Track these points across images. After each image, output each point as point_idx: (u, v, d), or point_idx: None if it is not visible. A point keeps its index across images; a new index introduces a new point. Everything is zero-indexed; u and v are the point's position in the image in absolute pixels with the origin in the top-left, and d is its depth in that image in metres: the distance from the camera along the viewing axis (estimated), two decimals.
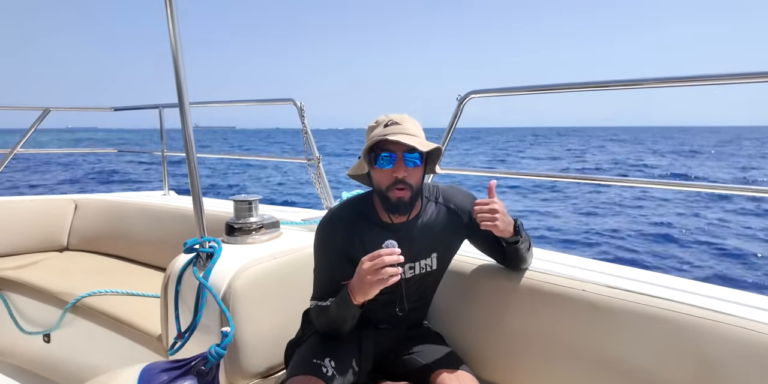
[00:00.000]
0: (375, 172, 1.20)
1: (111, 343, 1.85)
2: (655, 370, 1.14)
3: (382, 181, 1.19)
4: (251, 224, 1.66)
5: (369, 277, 1.02)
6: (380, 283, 1.02)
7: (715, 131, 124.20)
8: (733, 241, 8.44)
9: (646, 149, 37.91)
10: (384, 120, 1.20)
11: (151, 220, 2.55)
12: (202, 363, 1.22)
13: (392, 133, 1.14)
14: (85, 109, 3.45)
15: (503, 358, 1.39)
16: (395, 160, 1.15)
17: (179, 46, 1.34)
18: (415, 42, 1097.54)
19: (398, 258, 1.01)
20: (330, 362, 1.19)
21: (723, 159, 27.56)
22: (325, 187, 2.25)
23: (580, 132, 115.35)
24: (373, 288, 1.03)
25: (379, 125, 1.20)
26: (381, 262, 1.01)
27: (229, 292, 1.37)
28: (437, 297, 1.45)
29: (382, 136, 1.14)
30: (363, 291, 1.05)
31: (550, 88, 1.62)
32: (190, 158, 1.40)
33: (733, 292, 1.26)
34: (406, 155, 1.15)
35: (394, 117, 1.20)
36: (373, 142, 1.16)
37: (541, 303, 1.33)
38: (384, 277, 1.01)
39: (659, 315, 1.15)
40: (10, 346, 2.31)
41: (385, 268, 1.01)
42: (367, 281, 1.03)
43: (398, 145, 1.14)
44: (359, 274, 1.05)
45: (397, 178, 1.16)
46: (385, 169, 1.16)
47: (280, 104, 2.36)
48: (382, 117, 1.22)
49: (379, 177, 1.19)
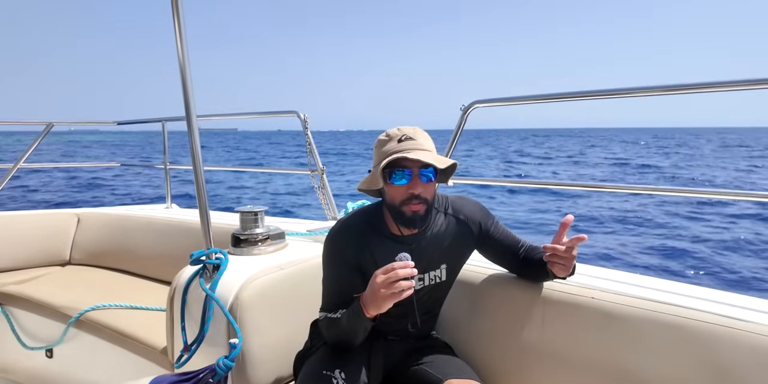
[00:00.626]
0: (389, 188, 1.17)
1: (115, 357, 1.83)
2: (669, 377, 1.13)
3: (396, 196, 1.16)
4: (257, 235, 1.66)
5: (383, 290, 1.01)
6: (394, 297, 1.01)
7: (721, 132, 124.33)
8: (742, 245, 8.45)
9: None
10: (397, 134, 1.17)
11: (154, 233, 2.55)
12: (211, 375, 1.21)
13: (408, 150, 1.12)
14: (88, 122, 3.48)
15: (514, 367, 1.37)
16: (411, 176, 1.13)
17: (187, 60, 1.35)
18: (421, 47, 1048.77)
19: (412, 271, 1.00)
20: (340, 374, 1.17)
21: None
22: (329, 198, 2.26)
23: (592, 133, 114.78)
24: (387, 301, 1.02)
25: (392, 140, 1.16)
26: (395, 276, 1.00)
27: (237, 304, 1.36)
28: (446, 307, 1.44)
29: (400, 154, 1.11)
30: (377, 304, 1.04)
31: (554, 98, 1.63)
32: (197, 170, 1.40)
33: (746, 299, 1.25)
34: (421, 171, 1.14)
35: (406, 131, 1.17)
36: (392, 159, 1.12)
37: (550, 311, 1.32)
38: (397, 290, 1.00)
39: (672, 322, 1.14)
40: (12, 361, 2.29)
41: (399, 282, 1.00)
42: (381, 295, 1.01)
43: (414, 162, 1.12)
44: (372, 288, 1.04)
45: (413, 194, 1.14)
46: (401, 186, 1.14)
47: (285, 116, 2.38)
48: (393, 131, 1.19)
49: (393, 193, 1.16)
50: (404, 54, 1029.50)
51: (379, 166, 1.14)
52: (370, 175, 1.21)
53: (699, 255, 7.89)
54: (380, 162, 1.15)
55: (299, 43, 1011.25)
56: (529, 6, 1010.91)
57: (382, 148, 1.17)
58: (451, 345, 1.43)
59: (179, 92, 1.38)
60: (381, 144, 1.19)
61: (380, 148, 1.18)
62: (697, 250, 8.16)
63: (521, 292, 1.37)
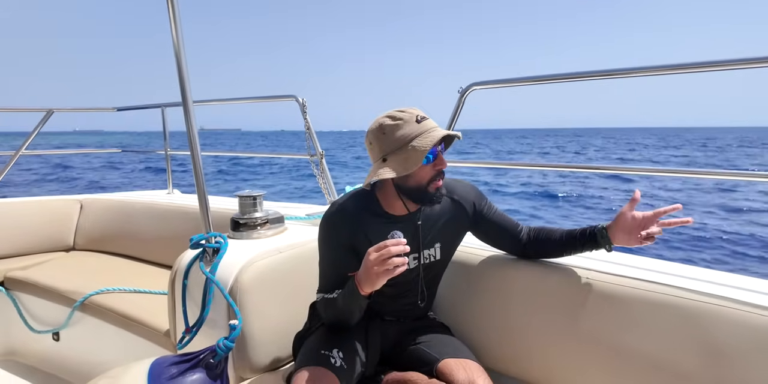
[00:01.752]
0: (419, 169, 1.16)
1: (119, 339, 1.87)
2: (664, 357, 1.14)
3: (426, 176, 1.16)
4: (256, 219, 1.67)
5: (376, 267, 1.02)
6: (387, 274, 1.03)
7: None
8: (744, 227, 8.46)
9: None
10: (410, 116, 1.14)
11: (156, 218, 2.57)
12: (211, 356, 1.24)
13: (433, 128, 1.15)
14: (88, 109, 3.47)
15: (510, 347, 1.39)
16: (437, 154, 1.16)
17: (182, 45, 1.34)
18: (414, 41, 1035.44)
19: (404, 248, 1.02)
20: (338, 353, 1.19)
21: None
22: (329, 182, 2.26)
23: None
24: (380, 278, 1.04)
25: (407, 122, 1.13)
26: (387, 253, 1.01)
27: (236, 286, 1.38)
28: (443, 288, 1.46)
29: (441, 133, 1.13)
30: (370, 282, 1.05)
31: (553, 79, 1.61)
32: (194, 155, 1.41)
33: (742, 278, 1.25)
34: (441, 147, 1.18)
35: (416, 111, 1.16)
36: (435, 139, 1.11)
37: (546, 292, 1.33)
38: (390, 267, 1.01)
39: (666, 302, 1.15)
40: (20, 345, 2.34)
41: (391, 259, 1.01)
42: (374, 272, 1.03)
43: (441, 139, 1.15)
44: (366, 265, 1.06)
45: (440, 170, 1.17)
46: (428, 165, 1.16)
47: (283, 101, 2.36)
48: (401, 114, 1.15)
49: (423, 173, 1.16)
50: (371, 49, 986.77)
51: (410, 147, 1.11)
52: (394, 161, 1.13)
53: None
54: (406, 144, 1.12)
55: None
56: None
57: (399, 132, 1.13)
58: (449, 325, 1.45)
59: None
60: (395, 128, 1.14)
61: (395, 133, 1.13)
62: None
63: (517, 272, 1.38)
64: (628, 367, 1.18)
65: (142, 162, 23.58)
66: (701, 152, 34.38)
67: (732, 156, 30.50)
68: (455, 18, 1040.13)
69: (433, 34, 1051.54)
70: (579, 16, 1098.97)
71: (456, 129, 1.86)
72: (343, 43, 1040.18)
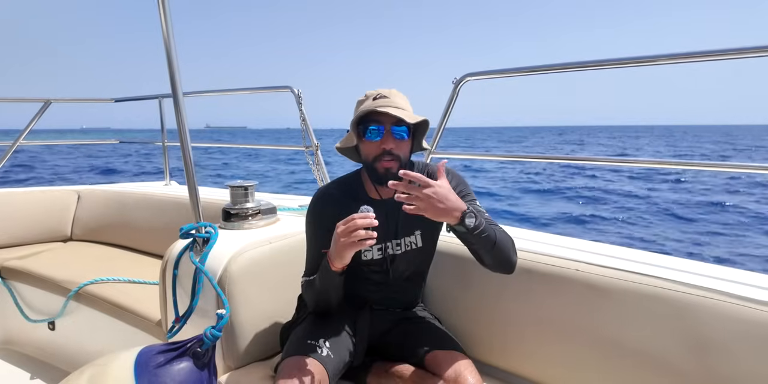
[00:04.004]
0: (363, 145, 1.22)
1: (113, 329, 1.88)
2: (650, 349, 1.14)
3: (370, 152, 1.20)
4: (247, 210, 1.66)
5: (343, 239, 1.04)
6: (353, 246, 1.04)
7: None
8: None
9: None
10: (373, 93, 1.23)
11: (153, 209, 2.57)
12: (198, 345, 1.23)
13: (381, 106, 1.16)
14: (86, 100, 3.47)
15: (498, 339, 1.39)
16: (383, 132, 1.18)
17: (171, 37, 1.33)
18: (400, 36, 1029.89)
19: (371, 221, 1.03)
20: (325, 343, 1.19)
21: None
22: (324, 174, 2.25)
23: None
24: (347, 250, 1.05)
25: (368, 98, 1.22)
26: (354, 225, 1.03)
27: (225, 276, 1.38)
28: (433, 279, 1.45)
29: (371, 108, 1.16)
30: (339, 254, 1.07)
31: (548, 69, 1.59)
32: (184, 146, 1.40)
33: (731, 271, 1.25)
34: (393, 128, 1.18)
35: (382, 91, 1.23)
36: (362, 114, 1.18)
37: (535, 283, 1.32)
38: (356, 239, 1.03)
39: (654, 294, 1.15)
40: (16, 334, 2.35)
41: (357, 231, 1.02)
42: (341, 243, 1.05)
43: (387, 117, 1.17)
44: (334, 239, 1.08)
45: (385, 149, 1.18)
46: (373, 141, 1.19)
47: (278, 92, 2.35)
48: (370, 91, 1.25)
49: (367, 149, 1.21)
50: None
51: (353, 121, 1.20)
52: (347, 134, 1.26)
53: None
54: (355, 120, 1.21)
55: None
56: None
57: (359, 108, 1.22)
58: (438, 316, 1.44)
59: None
60: (358, 104, 1.25)
61: (357, 108, 1.23)
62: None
63: None
64: (617, 358, 1.18)
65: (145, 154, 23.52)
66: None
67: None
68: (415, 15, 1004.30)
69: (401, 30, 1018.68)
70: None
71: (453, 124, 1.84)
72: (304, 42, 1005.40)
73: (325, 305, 1.25)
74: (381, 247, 1.29)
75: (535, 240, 1.50)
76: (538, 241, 1.49)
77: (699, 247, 7.23)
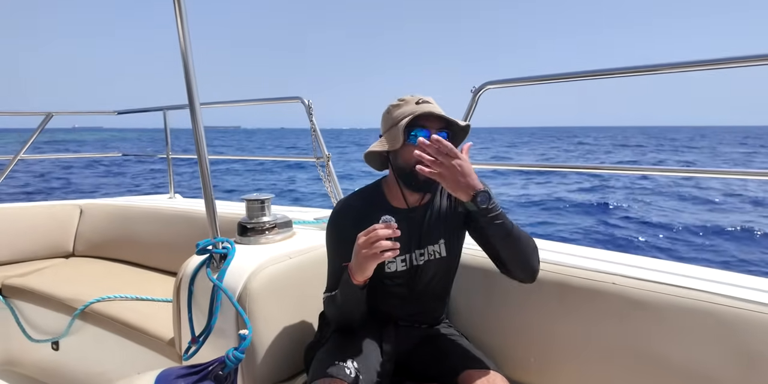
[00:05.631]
0: (408, 149, 1.14)
1: (121, 349, 1.81)
2: (696, 365, 1.09)
3: (411, 157, 1.11)
4: (264, 224, 1.61)
5: (364, 250, 1.00)
6: (375, 258, 1.00)
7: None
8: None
9: None
10: (412, 98, 1.18)
11: (158, 223, 2.51)
12: (220, 368, 1.18)
13: (432, 110, 1.13)
14: (88, 113, 3.43)
15: (531, 357, 1.34)
16: (429, 136, 1.12)
17: (189, 47, 1.30)
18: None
19: (393, 232, 0.99)
20: (353, 363, 1.14)
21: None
22: (335, 185, 2.21)
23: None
24: (369, 262, 1.01)
25: (407, 103, 1.17)
26: (375, 236, 0.99)
27: (245, 294, 1.32)
28: (459, 294, 1.40)
29: (426, 111, 1.13)
30: (360, 267, 1.03)
31: (569, 77, 1.57)
32: (201, 159, 1.36)
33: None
34: (438, 133, 1.14)
35: (422, 97, 1.19)
36: (415, 116, 1.13)
37: (569, 298, 1.28)
38: (378, 250, 0.98)
39: (698, 308, 1.10)
40: (18, 354, 2.27)
41: (379, 242, 0.98)
42: (362, 255, 1.01)
43: (432, 122, 1.14)
44: (355, 250, 1.04)
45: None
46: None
47: (288, 103, 2.31)
48: (407, 96, 1.20)
49: (410, 154, 1.12)
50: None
51: (398, 125, 1.14)
52: (386, 137, 1.19)
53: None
54: (397, 123, 1.15)
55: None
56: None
57: (397, 111, 1.17)
58: (465, 333, 1.39)
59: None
60: (394, 108, 1.19)
61: (394, 112, 1.18)
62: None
63: (538, 278, 1.33)
64: (661, 377, 1.13)
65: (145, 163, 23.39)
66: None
67: None
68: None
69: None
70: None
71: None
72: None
73: (348, 321, 1.20)
74: (405, 258, 1.24)
75: (568, 253, 1.46)
76: (570, 254, 1.45)
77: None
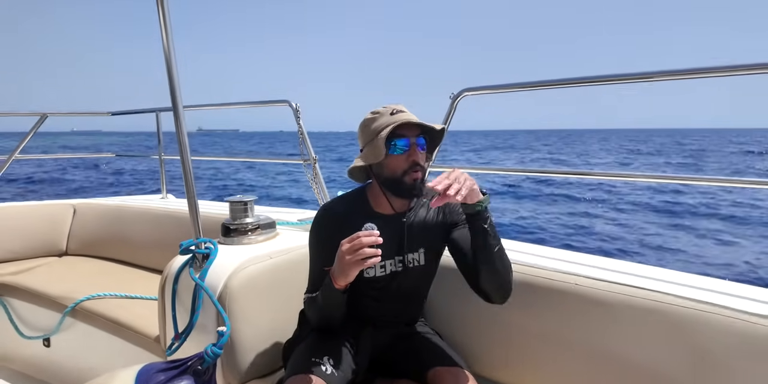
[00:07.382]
0: (391, 159, 1.19)
1: (110, 345, 1.86)
2: (650, 362, 1.14)
3: (398, 166, 1.19)
4: (247, 225, 1.66)
5: (348, 257, 1.03)
6: (358, 264, 1.03)
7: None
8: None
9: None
10: (387, 110, 1.22)
11: (150, 223, 2.56)
12: (199, 363, 1.23)
13: (410, 119, 1.17)
14: (82, 114, 3.46)
15: (500, 354, 1.39)
16: (410, 144, 1.18)
17: (172, 50, 1.34)
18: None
19: (376, 239, 1.03)
20: (329, 360, 1.19)
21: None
22: (322, 187, 2.26)
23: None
24: (352, 268, 1.04)
25: (382, 115, 1.21)
26: (359, 243, 1.02)
27: (226, 293, 1.37)
28: (434, 295, 1.45)
29: (404, 120, 1.16)
30: (343, 273, 1.06)
31: (547, 85, 1.61)
32: (184, 160, 1.41)
33: (728, 284, 1.26)
34: (417, 139, 1.19)
35: (395, 106, 1.23)
36: (395, 126, 1.16)
37: (534, 298, 1.33)
38: (361, 257, 1.02)
39: (652, 308, 1.16)
40: (10, 351, 2.32)
41: (363, 249, 1.02)
42: (345, 262, 1.04)
43: (410, 130, 1.18)
44: (338, 256, 1.07)
45: (414, 161, 1.18)
46: (401, 155, 1.19)
47: (277, 106, 2.36)
48: (380, 109, 1.24)
49: (395, 163, 1.19)
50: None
51: (377, 137, 1.17)
52: (367, 151, 1.22)
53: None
54: (376, 135, 1.19)
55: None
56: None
57: (374, 124, 1.21)
58: (439, 331, 1.44)
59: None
60: (371, 121, 1.22)
61: (371, 125, 1.22)
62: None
63: None
64: (615, 372, 1.19)
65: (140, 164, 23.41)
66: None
67: None
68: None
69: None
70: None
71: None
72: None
73: (328, 322, 1.24)
74: (384, 264, 1.28)
75: (533, 253, 1.52)
76: (536, 255, 1.50)
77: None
